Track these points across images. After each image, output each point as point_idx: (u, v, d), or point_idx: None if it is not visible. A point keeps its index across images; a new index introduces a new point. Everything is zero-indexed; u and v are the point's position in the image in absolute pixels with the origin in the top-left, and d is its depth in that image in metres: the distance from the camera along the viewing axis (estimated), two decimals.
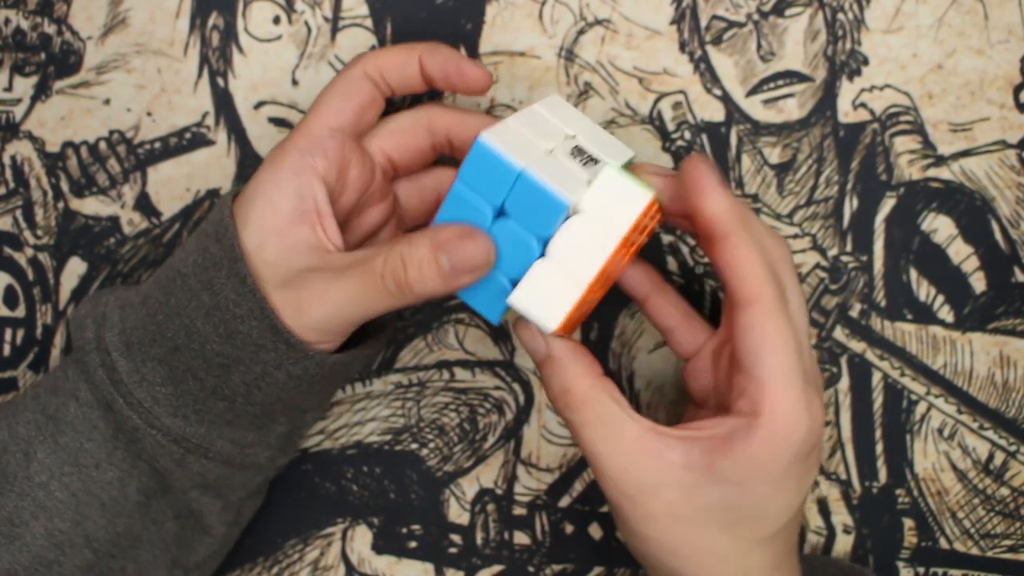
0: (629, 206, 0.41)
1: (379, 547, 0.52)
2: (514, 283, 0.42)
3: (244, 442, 0.46)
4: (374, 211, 0.48)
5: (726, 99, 0.51)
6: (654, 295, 0.49)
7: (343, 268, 0.42)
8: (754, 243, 0.42)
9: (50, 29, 0.52)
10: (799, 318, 0.44)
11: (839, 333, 0.52)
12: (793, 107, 0.51)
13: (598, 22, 0.51)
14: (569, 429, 0.43)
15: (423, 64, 0.46)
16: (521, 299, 0.40)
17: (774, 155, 0.51)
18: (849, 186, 0.51)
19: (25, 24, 0.52)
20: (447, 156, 0.49)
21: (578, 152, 0.42)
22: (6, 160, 0.52)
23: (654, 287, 0.49)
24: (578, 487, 0.53)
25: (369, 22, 0.51)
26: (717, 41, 0.51)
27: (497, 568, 0.53)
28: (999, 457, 0.52)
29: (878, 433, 0.52)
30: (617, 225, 0.40)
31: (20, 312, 0.52)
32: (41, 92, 0.52)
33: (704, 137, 0.51)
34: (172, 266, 0.45)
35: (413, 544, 0.52)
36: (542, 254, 0.41)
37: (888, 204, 0.51)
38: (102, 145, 0.52)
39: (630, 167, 0.44)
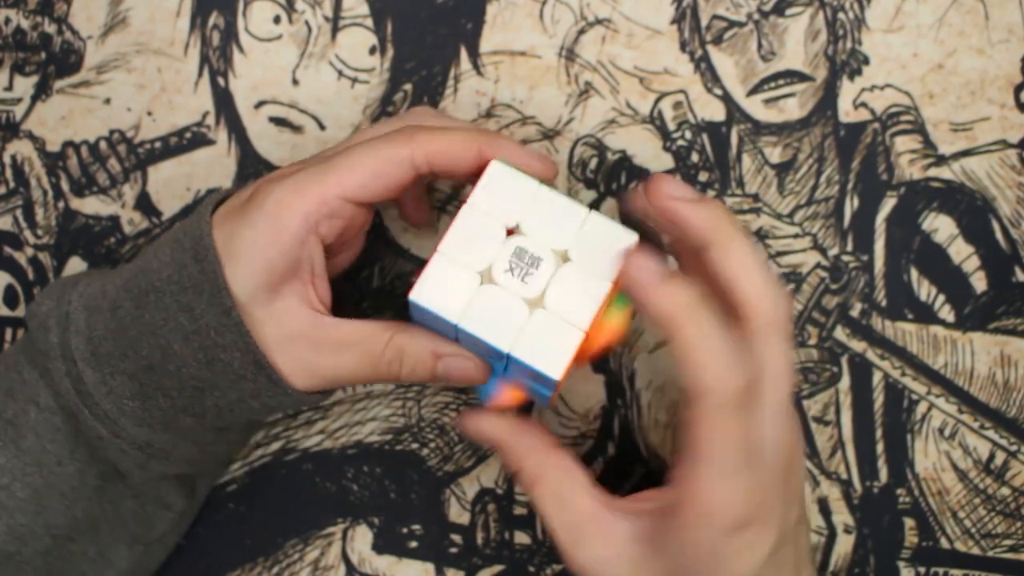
0: (617, 249, 0.41)
1: (379, 547, 0.52)
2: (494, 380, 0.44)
3: (206, 442, 0.46)
4: (350, 253, 0.48)
5: (727, 99, 0.51)
6: None
7: (339, 344, 0.43)
8: (709, 327, 0.39)
9: (50, 28, 0.52)
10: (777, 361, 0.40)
11: (840, 333, 0.52)
12: (794, 107, 0.51)
13: (598, 22, 0.51)
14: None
15: (485, 156, 0.43)
16: (523, 351, 0.41)
17: (775, 155, 0.51)
18: (850, 186, 0.51)
19: (25, 23, 0.52)
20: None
21: (517, 259, 0.41)
22: (6, 160, 0.52)
23: None
24: None
25: (369, 22, 0.51)
26: (718, 41, 0.51)
27: (498, 568, 0.52)
28: (1000, 457, 0.52)
29: (879, 433, 0.52)
30: (608, 269, 0.41)
31: (20, 312, 0.52)
32: (41, 91, 0.52)
33: (705, 137, 0.51)
34: (144, 274, 0.43)
35: (414, 544, 0.52)
36: (506, 368, 0.43)
37: (889, 204, 0.51)
38: (102, 145, 0.52)
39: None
